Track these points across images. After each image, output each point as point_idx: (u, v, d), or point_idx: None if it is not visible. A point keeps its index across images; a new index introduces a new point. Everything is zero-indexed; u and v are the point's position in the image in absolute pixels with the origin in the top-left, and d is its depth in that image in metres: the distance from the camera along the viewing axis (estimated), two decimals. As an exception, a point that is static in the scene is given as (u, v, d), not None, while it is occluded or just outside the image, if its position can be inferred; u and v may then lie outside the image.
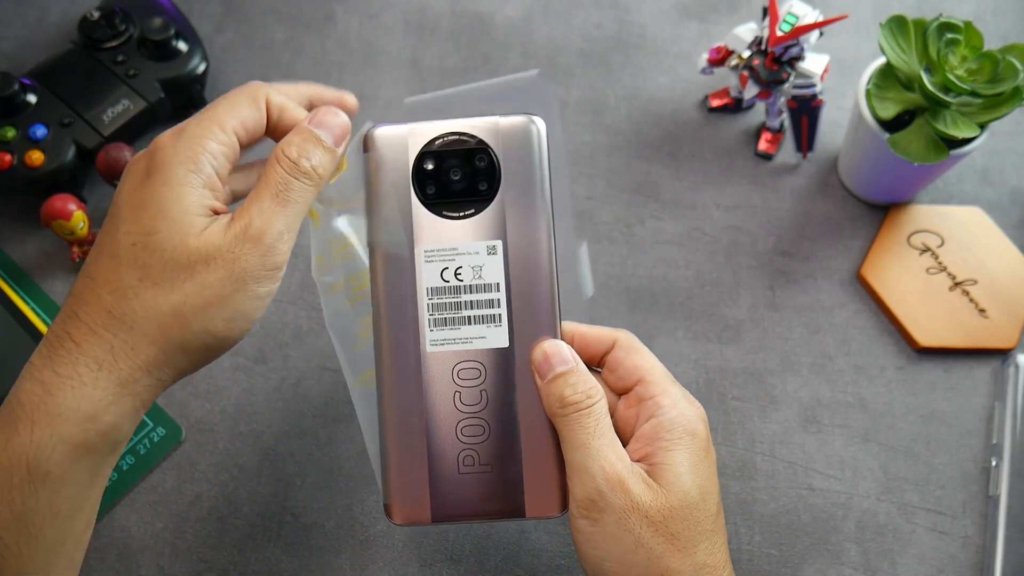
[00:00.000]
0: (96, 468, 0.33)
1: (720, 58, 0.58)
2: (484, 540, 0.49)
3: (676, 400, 0.37)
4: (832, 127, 0.61)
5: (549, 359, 0.37)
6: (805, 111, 0.57)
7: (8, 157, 0.54)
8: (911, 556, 0.49)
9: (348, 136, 0.37)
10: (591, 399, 0.36)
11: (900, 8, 0.65)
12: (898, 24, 0.50)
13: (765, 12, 0.56)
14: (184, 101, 0.60)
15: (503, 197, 0.38)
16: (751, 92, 0.57)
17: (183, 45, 0.59)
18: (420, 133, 0.38)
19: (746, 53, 0.57)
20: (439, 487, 0.37)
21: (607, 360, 0.39)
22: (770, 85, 0.56)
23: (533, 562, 0.48)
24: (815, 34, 0.55)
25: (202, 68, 0.60)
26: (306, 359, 0.53)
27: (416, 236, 0.38)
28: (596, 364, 0.39)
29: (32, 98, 0.56)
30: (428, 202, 0.38)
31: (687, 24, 0.66)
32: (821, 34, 0.55)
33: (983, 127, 0.50)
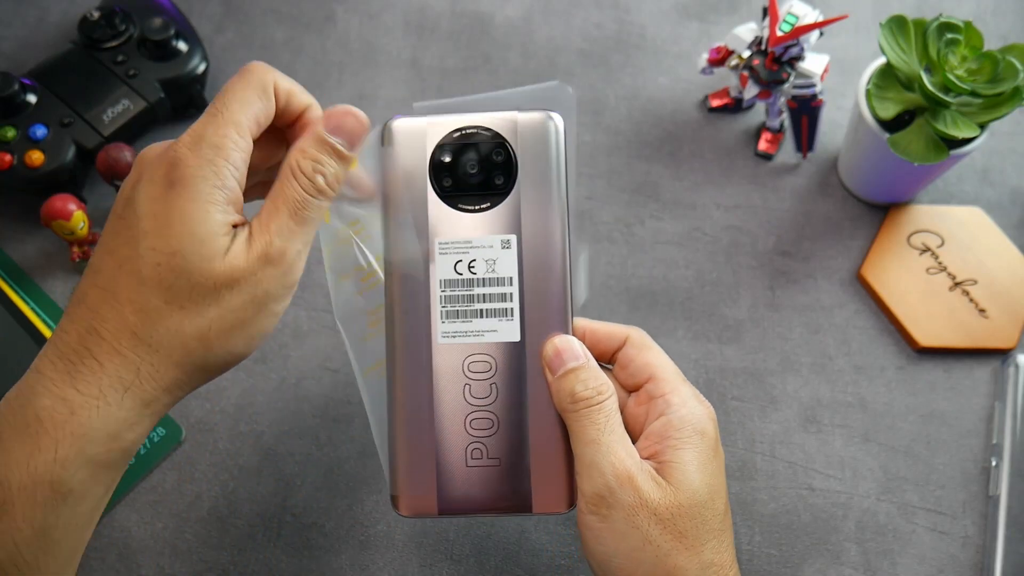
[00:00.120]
0: (112, 481, 0.34)
1: (720, 58, 0.58)
2: (484, 540, 0.49)
3: (686, 399, 0.37)
4: (832, 127, 0.61)
5: (560, 354, 0.37)
6: (805, 111, 0.57)
7: (8, 157, 0.54)
8: (911, 556, 0.49)
9: (365, 135, 0.36)
10: (602, 395, 0.36)
11: (900, 8, 0.65)
12: (898, 24, 0.50)
13: (765, 12, 0.56)
14: (184, 101, 0.60)
15: (519, 192, 0.38)
16: (751, 92, 0.57)
17: (183, 45, 0.59)
18: (438, 126, 0.38)
19: (746, 53, 0.57)
20: (447, 480, 0.37)
21: (618, 357, 0.39)
22: (770, 85, 0.56)
23: (533, 562, 0.48)
24: (815, 34, 0.55)
25: (202, 68, 0.60)
26: (306, 359, 0.53)
27: (432, 228, 0.38)
28: (607, 361, 0.39)
29: (32, 98, 0.56)
30: (444, 195, 0.38)
31: (687, 24, 0.66)
32: (821, 34, 0.55)
33: (983, 127, 0.50)
